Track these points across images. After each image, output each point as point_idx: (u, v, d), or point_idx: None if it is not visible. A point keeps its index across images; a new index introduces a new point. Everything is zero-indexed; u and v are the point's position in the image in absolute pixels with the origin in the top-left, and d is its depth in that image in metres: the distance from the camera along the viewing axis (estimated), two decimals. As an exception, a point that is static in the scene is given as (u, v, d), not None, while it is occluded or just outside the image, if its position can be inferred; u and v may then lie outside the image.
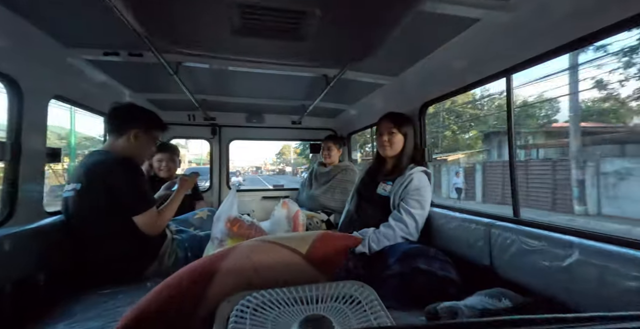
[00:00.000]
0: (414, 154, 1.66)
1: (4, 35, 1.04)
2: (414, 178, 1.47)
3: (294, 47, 0.63)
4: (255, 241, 0.60)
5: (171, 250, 1.47)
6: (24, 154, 1.20)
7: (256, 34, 0.57)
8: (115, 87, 1.79)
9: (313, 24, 0.55)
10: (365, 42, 0.65)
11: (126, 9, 0.88)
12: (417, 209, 1.41)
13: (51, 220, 1.28)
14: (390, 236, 1.39)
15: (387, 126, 1.60)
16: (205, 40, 0.63)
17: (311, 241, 0.60)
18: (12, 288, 1.06)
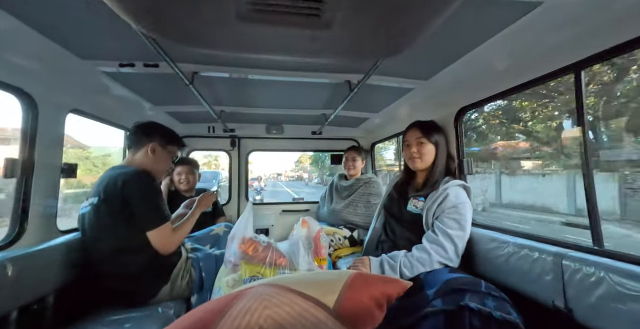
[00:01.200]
0: (449, 165, 1.47)
1: (18, 49, 1.02)
2: (450, 194, 1.28)
3: (314, 37, 0.50)
4: (270, 288, 0.46)
5: (185, 270, 1.39)
6: (38, 169, 1.16)
7: (266, 19, 0.45)
8: (134, 100, 1.78)
9: (340, 5, 0.42)
10: (403, 31, 0.51)
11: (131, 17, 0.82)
12: (456, 229, 1.22)
13: (64, 239, 1.23)
14: (425, 262, 1.20)
15: (415, 135, 1.44)
16: (208, 33, 0.51)
17: (340, 288, 0.46)
18: (18, 314, 1.00)
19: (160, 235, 1.25)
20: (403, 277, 1.22)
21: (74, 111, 1.37)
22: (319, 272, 0.55)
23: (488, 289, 0.88)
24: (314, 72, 1.44)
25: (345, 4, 0.43)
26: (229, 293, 0.56)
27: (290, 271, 1.14)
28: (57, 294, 1.16)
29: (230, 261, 1.15)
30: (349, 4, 0.43)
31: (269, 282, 0.52)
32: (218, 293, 1.12)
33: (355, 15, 0.46)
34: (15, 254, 0.98)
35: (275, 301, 0.44)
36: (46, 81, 1.19)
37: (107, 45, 1.14)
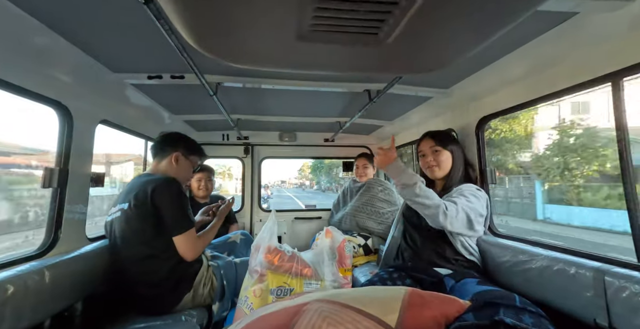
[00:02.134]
0: (468, 174, 1.47)
1: (57, 62, 1.06)
2: (464, 189, 1.30)
3: (365, 53, 0.52)
4: (329, 305, 0.47)
5: (206, 279, 1.40)
6: (71, 179, 1.19)
7: (324, 38, 0.47)
8: (155, 109, 1.82)
9: (399, 22, 0.44)
10: (455, 49, 0.53)
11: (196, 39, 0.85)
12: (463, 200, 1.21)
13: (92, 247, 1.25)
14: (436, 201, 1.17)
15: (429, 144, 1.45)
16: (267, 53, 0.53)
17: (399, 307, 0.46)
18: (50, 322, 1.01)
19: (186, 240, 1.28)
20: (414, 188, 1.18)
21: (103, 121, 1.41)
22: (373, 288, 0.55)
23: (524, 304, 0.87)
24: (333, 82, 1.47)
25: (405, 22, 0.44)
26: (282, 308, 0.57)
27: (316, 281, 1.15)
28: (85, 301, 1.17)
29: (257, 270, 1.15)
30: (408, 22, 0.45)
31: (324, 297, 0.53)
32: (245, 302, 1.12)
33: (411, 32, 0.48)
34: (51, 262, 1.00)
35: (338, 318, 0.45)
36: (80, 93, 1.23)
37: (136, 59, 1.18)
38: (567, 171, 10.94)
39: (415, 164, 2.48)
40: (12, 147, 12.26)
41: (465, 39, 0.51)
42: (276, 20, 0.43)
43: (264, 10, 0.41)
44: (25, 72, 0.99)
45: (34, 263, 0.98)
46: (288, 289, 1.10)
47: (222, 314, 1.42)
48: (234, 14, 0.42)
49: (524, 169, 13.23)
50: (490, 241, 1.30)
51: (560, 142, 11.63)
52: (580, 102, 13.33)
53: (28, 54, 0.96)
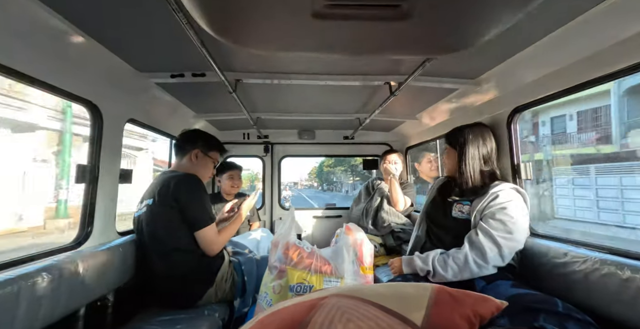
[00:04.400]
0: (499, 169, 1.36)
1: (89, 63, 1.12)
2: (501, 195, 1.19)
3: (388, 30, 0.47)
4: (348, 299, 0.44)
5: (228, 274, 1.42)
6: (102, 175, 1.26)
7: (342, 14, 0.43)
8: (179, 109, 1.88)
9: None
10: (486, 22, 0.47)
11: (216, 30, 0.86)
12: (501, 231, 1.12)
13: (121, 240, 1.31)
14: (459, 262, 1.13)
15: (445, 144, 1.46)
16: (285, 36, 0.51)
17: (425, 304, 0.42)
18: (85, 310, 1.07)
19: (207, 235, 1.30)
20: (435, 274, 1.17)
21: (131, 120, 1.48)
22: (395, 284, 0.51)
23: (568, 310, 0.79)
24: (352, 75, 1.43)
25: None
26: (299, 302, 0.54)
27: (336, 278, 1.12)
28: (116, 293, 1.23)
29: (276, 266, 1.14)
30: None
31: (343, 292, 0.49)
32: (265, 298, 1.12)
33: (438, 3, 0.44)
34: (84, 253, 1.05)
35: (357, 314, 0.42)
36: (110, 93, 1.29)
37: (160, 58, 1.22)
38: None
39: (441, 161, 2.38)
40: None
41: (504, 7, 0.45)
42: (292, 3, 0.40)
43: None
44: (61, 74, 1.05)
45: (69, 254, 1.04)
46: (308, 286, 1.08)
47: (243, 310, 1.43)
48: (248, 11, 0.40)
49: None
50: (529, 242, 1.20)
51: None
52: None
53: (64, 56, 1.02)
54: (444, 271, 1.15)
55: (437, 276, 1.17)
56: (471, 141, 1.33)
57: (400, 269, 1.32)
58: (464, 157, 1.33)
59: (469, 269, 1.12)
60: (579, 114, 10.52)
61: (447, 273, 1.15)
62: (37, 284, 0.82)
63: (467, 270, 1.12)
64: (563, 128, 11.07)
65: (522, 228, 1.16)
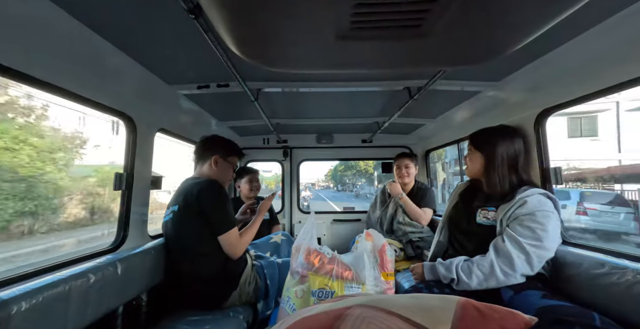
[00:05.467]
0: (520, 175, 1.30)
1: (123, 78, 1.21)
2: (529, 201, 1.14)
3: (408, 47, 0.49)
4: (373, 311, 0.45)
5: (251, 277, 1.47)
6: (136, 182, 1.35)
7: (364, 35, 0.45)
8: (204, 117, 1.97)
9: (447, 8, 0.40)
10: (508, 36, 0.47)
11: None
12: (529, 238, 1.07)
13: (153, 244, 1.39)
14: (485, 270, 1.10)
15: (468, 144, 1.42)
16: (307, 56, 0.54)
17: (451, 318, 0.43)
18: (123, 309, 1.15)
19: (229, 239, 1.34)
20: (459, 281, 1.14)
21: (161, 130, 1.57)
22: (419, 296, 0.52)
23: (605, 324, 0.75)
24: (371, 81, 1.44)
25: (450, 12, 0.41)
26: (323, 311, 0.56)
27: (357, 284, 1.13)
28: (149, 293, 1.30)
29: (298, 272, 1.17)
30: (454, 12, 0.41)
31: (367, 303, 0.51)
32: (287, 302, 1.15)
33: (457, 22, 0.44)
34: (122, 256, 1.13)
35: (382, 326, 0.43)
36: (142, 105, 1.38)
37: (187, 71, 1.29)
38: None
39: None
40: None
41: (527, 21, 0.45)
42: (315, 22, 0.43)
43: (303, 15, 0.41)
44: (100, 89, 1.14)
45: (108, 256, 1.12)
46: (329, 291, 1.10)
47: (266, 313, 1.47)
48: (275, 22, 0.43)
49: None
50: (562, 251, 1.14)
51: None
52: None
53: (103, 73, 1.11)
54: (468, 279, 1.12)
55: (461, 284, 1.14)
56: (500, 144, 1.28)
57: (422, 275, 1.30)
58: (493, 161, 1.28)
59: (495, 278, 1.08)
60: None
61: (472, 281, 1.12)
62: (85, 283, 0.90)
63: (493, 278, 1.09)
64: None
65: (553, 236, 1.10)
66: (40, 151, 6.55)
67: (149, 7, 0.81)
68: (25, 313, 0.71)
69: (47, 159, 6.87)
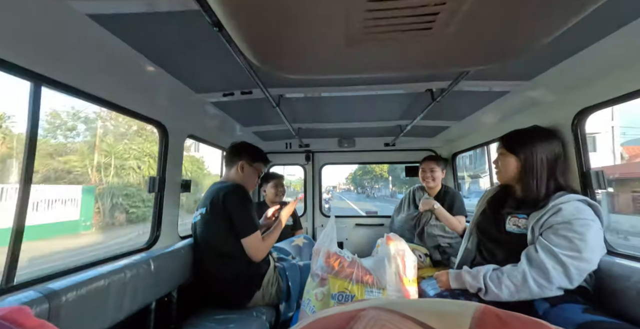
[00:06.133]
0: (558, 180, 1.21)
1: (156, 88, 1.30)
2: (565, 208, 1.05)
3: (423, 48, 0.48)
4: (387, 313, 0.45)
5: (274, 279, 1.49)
6: (167, 185, 1.44)
7: (375, 39, 0.46)
8: (229, 123, 2.06)
9: (456, 15, 0.40)
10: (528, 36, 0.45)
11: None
12: (565, 249, 0.99)
13: (183, 244, 1.47)
14: (517, 280, 1.02)
15: (499, 146, 1.34)
16: (319, 62, 0.55)
17: (468, 324, 0.41)
18: (156, 305, 1.22)
19: (252, 242, 1.39)
20: (488, 292, 1.08)
21: (190, 136, 1.67)
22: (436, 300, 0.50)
23: None
24: (392, 84, 1.42)
25: (462, 13, 0.40)
26: (338, 312, 0.55)
27: (378, 289, 1.11)
28: (179, 290, 1.38)
29: (318, 274, 1.18)
30: (466, 13, 0.40)
31: (382, 305, 0.50)
32: (308, 305, 1.16)
33: (471, 23, 0.43)
34: (155, 254, 1.22)
35: (395, 328, 0.42)
36: (173, 113, 1.49)
37: (214, 80, 1.37)
38: None
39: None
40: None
41: (553, 16, 0.43)
42: (327, 29, 0.44)
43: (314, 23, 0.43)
44: (137, 100, 1.25)
45: (143, 255, 1.21)
46: (349, 295, 1.09)
47: (288, 315, 1.49)
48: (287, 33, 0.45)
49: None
50: (607, 262, 1.05)
51: None
52: None
53: (138, 84, 1.22)
54: (497, 289, 1.06)
55: (489, 294, 1.08)
56: (539, 146, 1.20)
57: (448, 283, 1.25)
58: (531, 164, 1.20)
59: (528, 289, 1.01)
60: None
61: (502, 291, 1.05)
62: (122, 279, 0.98)
63: (526, 290, 1.01)
64: None
65: (594, 246, 1.00)
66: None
67: (179, 23, 0.88)
68: (72, 303, 0.79)
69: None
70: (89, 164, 11.45)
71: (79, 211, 9.64)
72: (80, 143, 12.30)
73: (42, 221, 8.34)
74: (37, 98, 0.85)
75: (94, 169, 11.59)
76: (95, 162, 11.54)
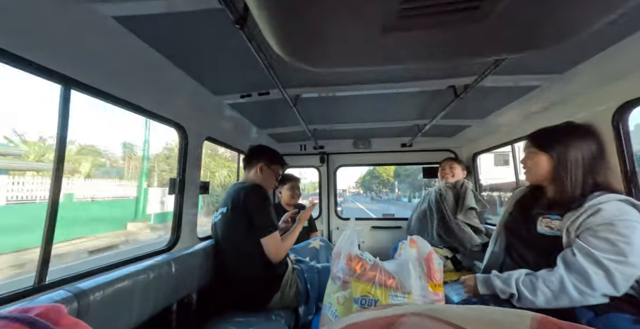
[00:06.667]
0: (595, 179, 1.12)
1: (177, 91, 1.32)
2: (605, 208, 0.97)
3: (463, 34, 0.45)
4: (430, 321, 0.41)
5: (292, 281, 1.48)
6: (186, 187, 1.45)
7: (413, 25, 0.43)
8: (245, 125, 2.08)
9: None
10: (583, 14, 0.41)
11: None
12: (607, 252, 0.91)
13: (202, 245, 1.47)
14: (553, 287, 0.95)
15: (526, 145, 1.27)
16: (353, 53, 0.52)
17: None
18: (177, 306, 1.22)
19: (271, 242, 1.38)
20: (521, 298, 1.01)
21: (208, 138, 1.68)
22: (484, 308, 0.47)
23: None
24: (411, 81, 1.38)
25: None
26: (371, 318, 0.52)
27: (402, 294, 1.06)
28: (199, 292, 1.38)
29: (339, 277, 1.14)
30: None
31: (424, 311, 0.46)
32: (329, 309, 1.12)
33: (521, 2, 0.40)
34: (175, 255, 1.22)
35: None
36: (192, 115, 1.50)
37: (231, 81, 1.38)
38: None
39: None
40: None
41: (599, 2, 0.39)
42: (361, 16, 0.42)
43: (348, 9, 0.41)
44: (159, 102, 1.27)
45: (164, 256, 1.22)
46: (372, 299, 1.05)
47: (307, 318, 1.46)
48: (320, 18, 0.43)
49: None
50: None
51: None
52: None
53: (160, 87, 1.23)
54: (532, 295, 0.99)
55: (523, 300, 1.02)
56: (573, 143, 1.12)
57: (475, 288, 1.19)
58: (565, 163, 1.12)
59: (567, 296, 0.94)
60: None
61: (537, 297, 0.98)
62: (145, 279, 0.99)
63: (565, 297, 0.94)
64: None
65: None
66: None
67: (200, 23, 0.89)
68: (100, 303, 0.79)
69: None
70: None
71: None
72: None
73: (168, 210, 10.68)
74: (66, 101, 0.87)
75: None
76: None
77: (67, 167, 10.39)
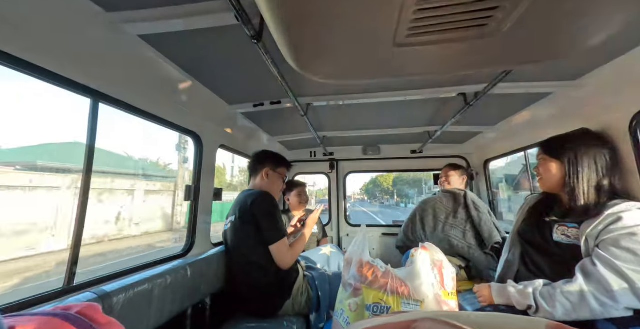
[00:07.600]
0: (613, 186, 1.10)
1: (193, 101, 1.38)
2: (625, 217, 0.95)
3: (472, 48, 0.47)
4: (445, 326, 0.42)
5: (303, 288, 1.48)
6: (201, 194, 1.50)
7: (425, 40, 0.45)
8: (257, 133, 2.13)
9: (515, 9, 0.38)
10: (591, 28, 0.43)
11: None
12: (630, 262, 0.88)
13: (215, 251, 1.50)
14: (573, 298, 0.93)
15: (539, 152, 1.27)
16: (366, 67, 0.55)
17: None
18: (191, 311, 1.25)
19: (280, 248, 1.38)
20: (539, 309, 0.98)
21: (222, 146, 1.73)
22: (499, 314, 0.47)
23: None
24: (421, 89, 1.40)
25: (521, 8, 0.39)
26: (383, 324, 0.53)
27: (415, 301, 1.06)
28: (212, 297, 1.40)
29: (351, 284, 1.15)
30: (526, 7, 0.39)
31: (438, 317, 0.48)
32: (341, 315, 1.12)
33: (530, 17, 0.42)
34: (190, 261, 1.25)
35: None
36: (207, 124, 1.56)
37: (245, 91, 1.43)
38: None
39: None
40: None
41: (620, 4, 0.41)
42: (374, 32, 0.44)
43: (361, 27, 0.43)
44: (176, 112, 1.33)
45: (180, 261, 1.25)
46: (385, 306, 1.05)
47: (319, 325, 1.46)
48: (334, 37, 0.46)
49: None
50: None
51: None
52: None
53: (177, 97, 1.29)
54: (550, 307, 0.96)
55: (541, 312, 0.99)
56: (585, 150, 1.12)
57: (490, 298, 1.17)
58: (576, 170, 1.11)
59: (588, 308, 0.91)
60: None
61: (556, 309, 0.96)
62: (163, 283, 1.02)
63: (585, 309, 0.92)
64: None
65: None
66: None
67: (215, 40, 0.94)
68: (122, 305, 0.83)
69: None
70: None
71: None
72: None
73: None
74: (95, 113, 0.93)
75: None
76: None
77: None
